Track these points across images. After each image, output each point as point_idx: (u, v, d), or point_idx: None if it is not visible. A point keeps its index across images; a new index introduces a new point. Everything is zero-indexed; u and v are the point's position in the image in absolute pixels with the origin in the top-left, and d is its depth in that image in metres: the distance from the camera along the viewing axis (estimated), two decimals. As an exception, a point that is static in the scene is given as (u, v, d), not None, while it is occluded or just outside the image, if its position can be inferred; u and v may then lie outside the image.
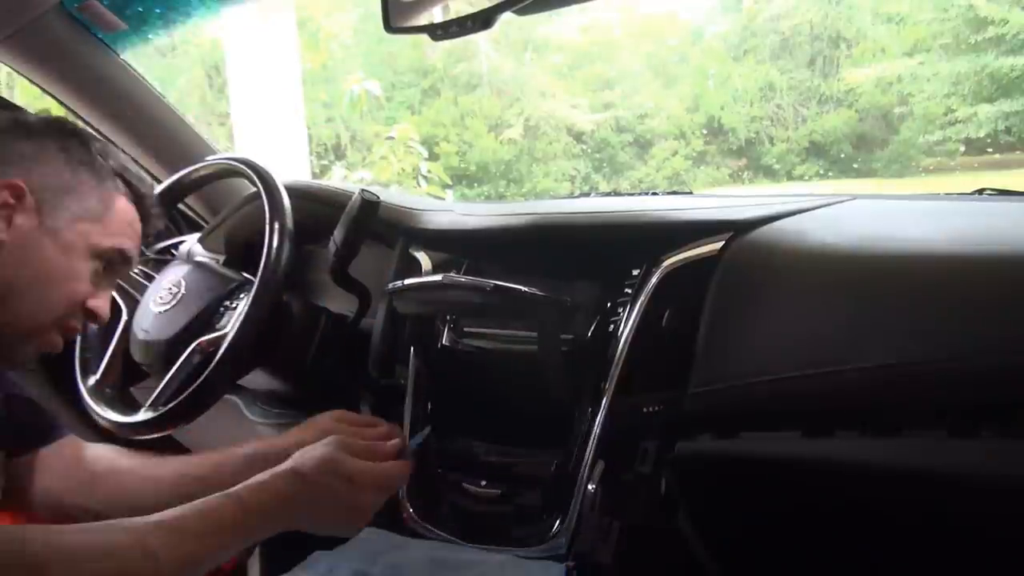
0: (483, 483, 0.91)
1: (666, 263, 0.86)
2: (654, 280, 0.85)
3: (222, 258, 1.19)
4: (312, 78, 7.76)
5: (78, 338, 1.11)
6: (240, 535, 0.68)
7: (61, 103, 1.40)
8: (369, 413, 1.05)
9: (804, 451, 0.77)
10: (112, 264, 0.82)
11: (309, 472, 0.72)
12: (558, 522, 0.84)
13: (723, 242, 0.85)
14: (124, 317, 1.11)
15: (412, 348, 1.00)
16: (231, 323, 0.96)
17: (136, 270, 1.15)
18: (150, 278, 1.13)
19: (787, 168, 8.74)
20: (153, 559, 0.62)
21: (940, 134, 7.55)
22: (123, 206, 0.84)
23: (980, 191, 1.01)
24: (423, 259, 1.04)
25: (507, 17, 0.72)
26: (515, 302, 0.85)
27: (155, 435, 0.96)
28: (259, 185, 1.01)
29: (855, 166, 8.44)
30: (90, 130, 1.20)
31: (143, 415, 0.96)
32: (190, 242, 1.24)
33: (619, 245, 0.93)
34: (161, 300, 1.05)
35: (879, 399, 0.73)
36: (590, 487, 0.83)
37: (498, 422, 0.93)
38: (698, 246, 0.85)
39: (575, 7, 0.86)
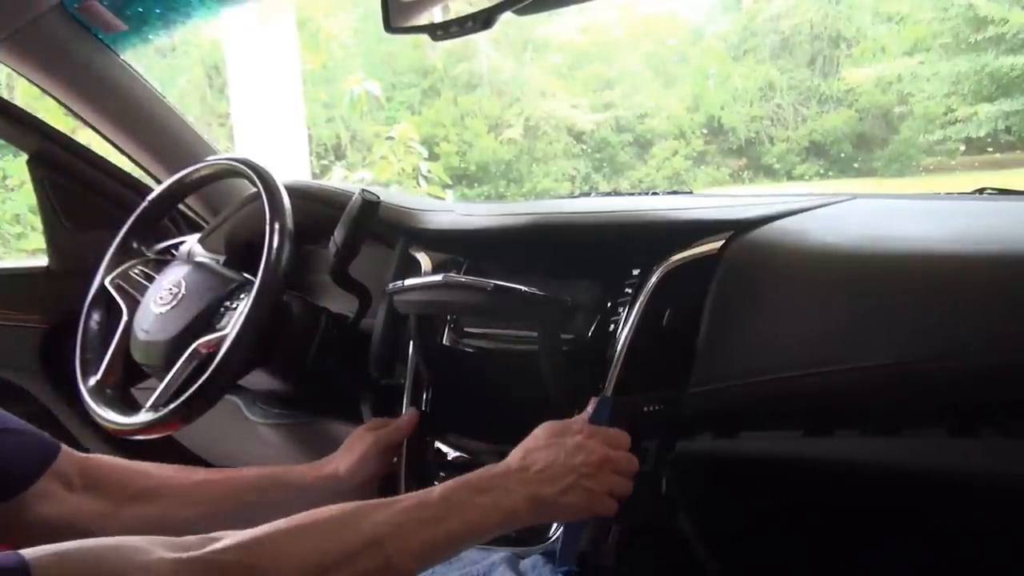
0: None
1: (666, 263, 0.86)
2: (654, 280, 0.85)
3: (222, 258, 1.19)
4: (312, 78, 7.76)
5: (79, 338, 1.11)
6: (475, 521, 0.64)
7: (61, 103, 1.40)
8: (369, 413, 1.05)
9: (804, 451, 0.77)
10: None
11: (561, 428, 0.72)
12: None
13: (723, 241, 0.85)
14: (124, 317, 1.11)
15: (412, 348, 1.00)
16: (231, 323, 0.96)
17: (136, 270, 1.15)
18: (150, 278, 1.13)
19: (787, 168, 8.74)
20: (387, 561, 0.58)
21: (940, 133, 7.54)
22: None
23: (980, 190, 1.01)
24: (423, 259, 1.04)
25: (507, 17, 0.73)
26: (515, 302, 0.85)
27: (156, 435, 0.96)
28: (259, 185, 1.01)
29: (855, 166, 8.44)
30: (90, 130, 1.19)
31: (144, 415, 0.96)
32: (190, 242, 1.24)
33: (619, 245, 0.93)
34: (161, 300, 1.05)
35: (879, 399, 0.73)
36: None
37: (498, 422, 0.93)
38: (698, 246, 0.85)
39: (575, 7, 0.86)
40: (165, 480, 0.83)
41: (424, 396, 0.99)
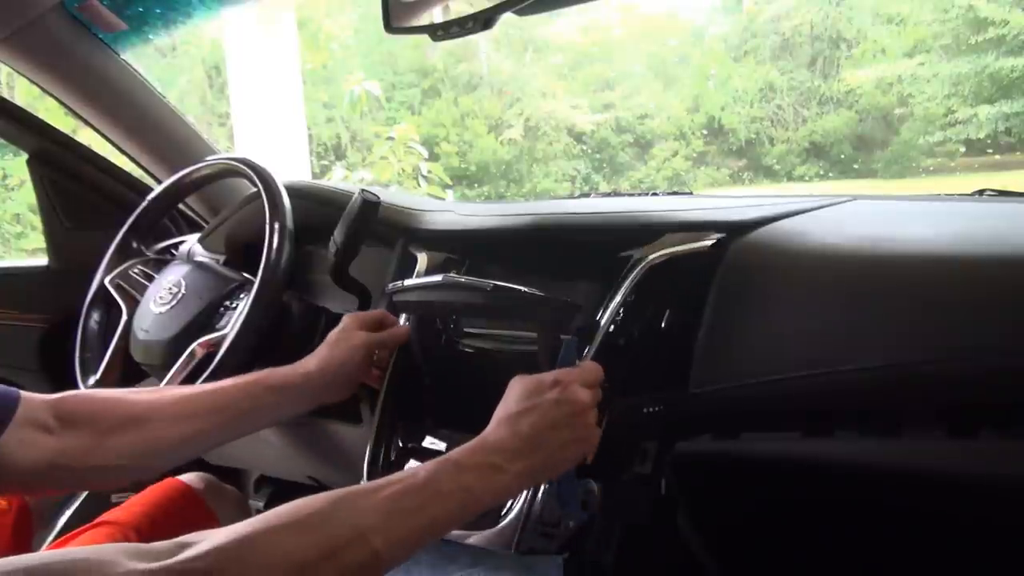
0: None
1: (646, 260, 0.85)
2: (633, 276, 0.84)
3: (222, 258, 1.19)
4: (312, 78, 7.76)
5: (78, 338, 1.11)
6: (463, 505, 0.62)
7: (61, 103, 1.40)
8: (368, 413, 1.05)
9: (804, 451, 0.77)
10: None
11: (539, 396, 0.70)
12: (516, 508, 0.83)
13: (713, 240, 0.84)
14: (124, 317, 1.11)
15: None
16: (231, 323, 0.96)
17: (136, 270, 1.15)
18: (150, 278, 1.13)
19: (787, 169, 8.74)
20: (374, 554, 0.56)
21: (940, 135, 7.55)
22: None
23: (980, 192, 1.00)
24: (423, 259, 1.04)
25: (507, 17, 0.73)
26: (515, 302, 0.84)
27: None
28: (259, 185, 1.01)
29: (855, 167, 8.44)
30: (90, 130, 1.19)
31: (143, 415, 0.96)
32: (190, 242, 1.24)
33: (619, 245, 0.93)
34: (161, 300, 1.05)
35: (879, 399, 0.73)
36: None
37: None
38: (680, 244, 0.85)
39: (575, 7, 0.86)
40: (150, 403, 0.80)
41: (395, 393, 0.98)
